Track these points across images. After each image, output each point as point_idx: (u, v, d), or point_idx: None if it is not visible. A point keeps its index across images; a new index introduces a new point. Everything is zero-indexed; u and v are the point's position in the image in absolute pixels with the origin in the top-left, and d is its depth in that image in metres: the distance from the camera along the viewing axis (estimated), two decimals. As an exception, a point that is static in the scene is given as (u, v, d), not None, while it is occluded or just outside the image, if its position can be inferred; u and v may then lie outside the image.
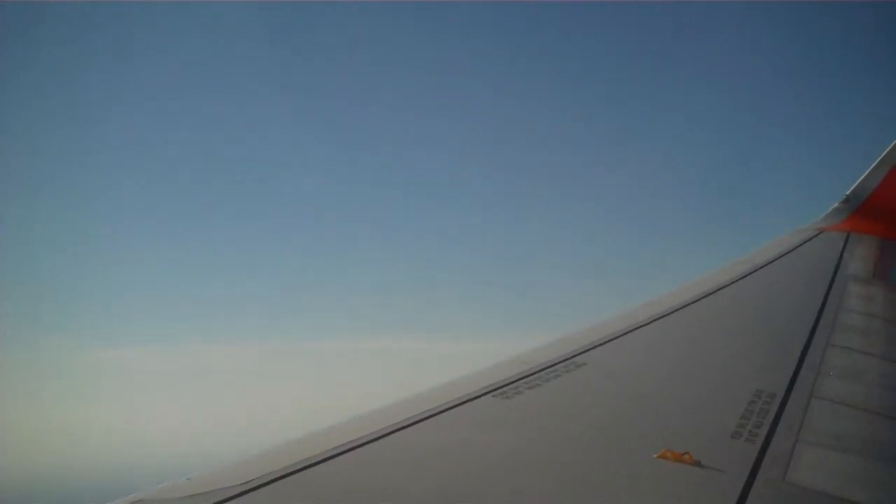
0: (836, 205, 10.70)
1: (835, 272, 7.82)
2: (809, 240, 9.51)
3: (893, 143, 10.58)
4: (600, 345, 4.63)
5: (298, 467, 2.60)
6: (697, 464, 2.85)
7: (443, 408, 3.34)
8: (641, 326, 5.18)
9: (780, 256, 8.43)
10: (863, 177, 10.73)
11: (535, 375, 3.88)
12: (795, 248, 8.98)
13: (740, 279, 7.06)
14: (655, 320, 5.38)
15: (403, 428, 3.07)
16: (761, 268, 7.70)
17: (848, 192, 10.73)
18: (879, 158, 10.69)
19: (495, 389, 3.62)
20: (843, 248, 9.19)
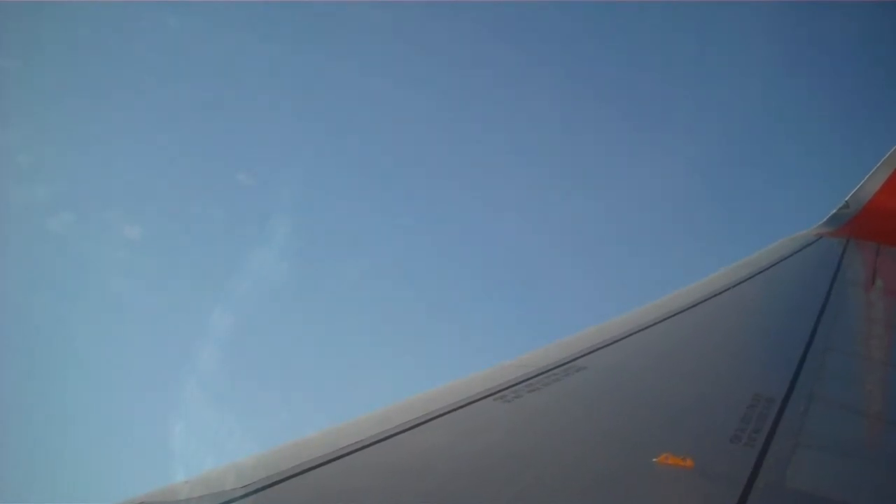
0: (835, 210, 10.73)
1: (834, 277, 7.83)
2: (809, 245, 9.53)
3: (893, 149, 10.62)
4: (600, 348, 4.63)
5: (298, 470, 2.61)
6: (697, 468, 2.86)
7: (443, 411, 3.34)
8: (641, 330, 5.19)
9: (780, 261, 8.44)
10: (862, 182, 10.77)
11: (536, 379, 3.89)
12: (795, 253, 8.99)
13: (739, 284, 7.06)
14: (655, 324, 5.39)
15: (404, 431, 3.08)
16: (760, 273, 7.70)
17: (848, 198, 10.77)
18: (879, 163, 10.74)
19: (495, 393, 3.62)
20: (843, 253, 9.21)
